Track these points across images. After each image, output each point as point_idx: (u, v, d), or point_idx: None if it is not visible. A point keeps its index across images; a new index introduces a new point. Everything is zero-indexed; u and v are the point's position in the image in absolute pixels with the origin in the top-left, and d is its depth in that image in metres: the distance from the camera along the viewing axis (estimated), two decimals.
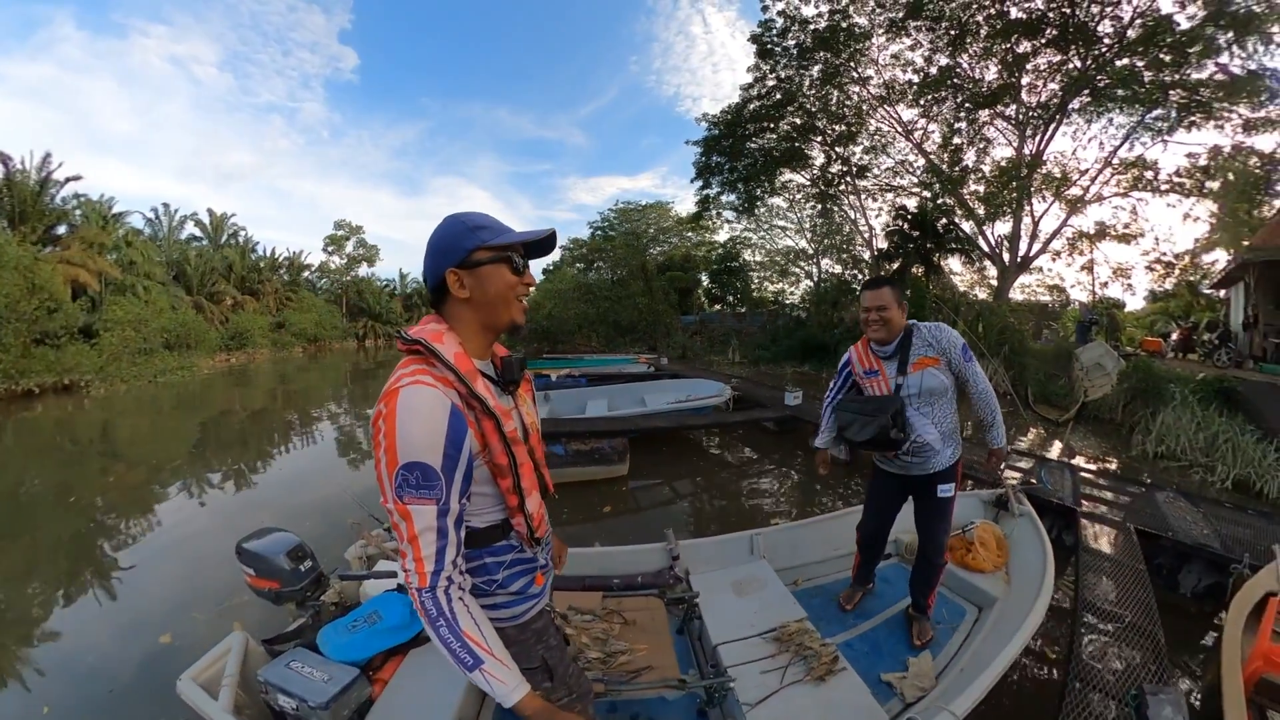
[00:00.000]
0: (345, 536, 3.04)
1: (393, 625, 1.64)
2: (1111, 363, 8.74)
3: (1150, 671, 1.97)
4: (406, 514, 0.74)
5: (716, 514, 4.53)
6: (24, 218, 17.37)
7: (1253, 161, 11.35)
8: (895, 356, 1.91)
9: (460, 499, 0.79)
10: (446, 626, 0.75)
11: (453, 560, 0.77)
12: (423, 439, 0.74)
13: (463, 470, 0.78)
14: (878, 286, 1.90)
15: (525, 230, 0.91)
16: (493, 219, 0.90)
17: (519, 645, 0.93)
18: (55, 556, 4.05)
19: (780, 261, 23.52)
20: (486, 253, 0.85)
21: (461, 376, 0.81)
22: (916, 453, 1.96)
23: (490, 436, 0.83)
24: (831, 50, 14.91)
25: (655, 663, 1.75)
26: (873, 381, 2.00)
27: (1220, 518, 3.49)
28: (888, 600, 2.52)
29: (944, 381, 1.88)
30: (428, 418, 0.75)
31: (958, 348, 1.88)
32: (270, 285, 32.01)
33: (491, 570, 0.90)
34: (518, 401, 0.97)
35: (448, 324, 0.88)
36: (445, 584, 0.76)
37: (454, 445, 0.76)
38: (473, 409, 0.82)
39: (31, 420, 9.99)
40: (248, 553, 1.65)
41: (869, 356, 2.00)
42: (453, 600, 0.76)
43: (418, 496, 0.74)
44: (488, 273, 0.86)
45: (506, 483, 0.87)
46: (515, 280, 0.88)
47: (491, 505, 0.89)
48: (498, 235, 0.86)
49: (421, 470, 0.73)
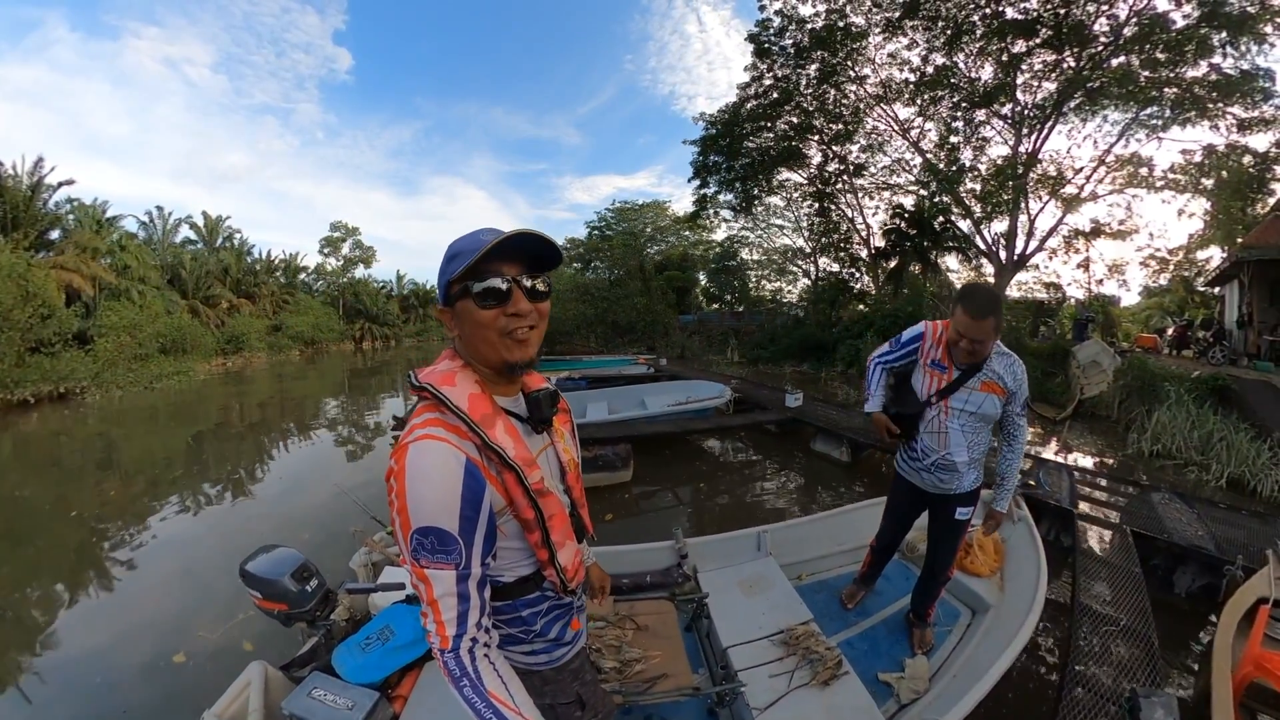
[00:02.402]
0: (348, 543, 3.05)
1: (406, 641, 1.64)
2: (1108, 360, 8.82)
3: (1144, 674, 2.02)
4: (425, 578, 0.70)
5: (721, 518, 4.54)
6: (16, 223, 17.22)
7: (1246, 160, 11.42)
8: (957, 368, 1.83)
9: (483, 560, 0.73)
10: (470, 687, 0.71)
11: (476, 622, 0.73)
12: (435, 502, 0.68)
13: (484, 530, 0.72)
14: (981, 316, 1.64)
15: (485, 239, 0.70)
16: (478, 238, 0.73)
17: (556, 685, 0.91)
18: (56, 570, 4.03)
19: (778, 260, 23.56)
20: (457, 286, 0.73)
21: (474, 425, 0.73)
22: (944, 470, 1.91)
23: (513, 490, 0.76)
24: (828, 49, 14.93)
25: (669, 670, 1.78)
26: (933, 373, 1.87)
27: (1214, 519, 3.54)
28: (888, 598, 2.57)
29: (996, 412, 1.82)
30: (440, 478, 0.69)
31: (1024, 393, 1.83)
32: (267, 288, 31.84)
33: (529, 621, 0.86)
34: (554, 437, 0.89)
35: (463, 359, 0.80)
36: (469, 644, 0.72)
37: (471, 506, 0.70)
38: (491, 461, 0.75)
39: (28, 430, 9.95)
40: (252, 575, 1.64)
41: (947, 353, 1.84)
42: (476, 659, 0.73)
43: (435, 561, 0.69)
44: (461, 310, 0.75)
45: (535, 537, 0.80)
46: (489, 315, 0.73)
47: (521, 559, 0.83)
48: (464, 261, 0.71)
49: (437, 535, 0.68)
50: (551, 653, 0.90)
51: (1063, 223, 14.14)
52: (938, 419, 1.89)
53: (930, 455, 1.93)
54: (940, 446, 1.89)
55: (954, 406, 1.84)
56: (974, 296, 1.69)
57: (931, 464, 1.93)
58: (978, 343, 1.70)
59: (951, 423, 1.85)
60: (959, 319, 1.69)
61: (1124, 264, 14.65)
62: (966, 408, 1.83)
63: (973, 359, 1.76)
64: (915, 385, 1.94)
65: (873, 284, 18.67)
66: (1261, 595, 2.24)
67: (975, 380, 1.81)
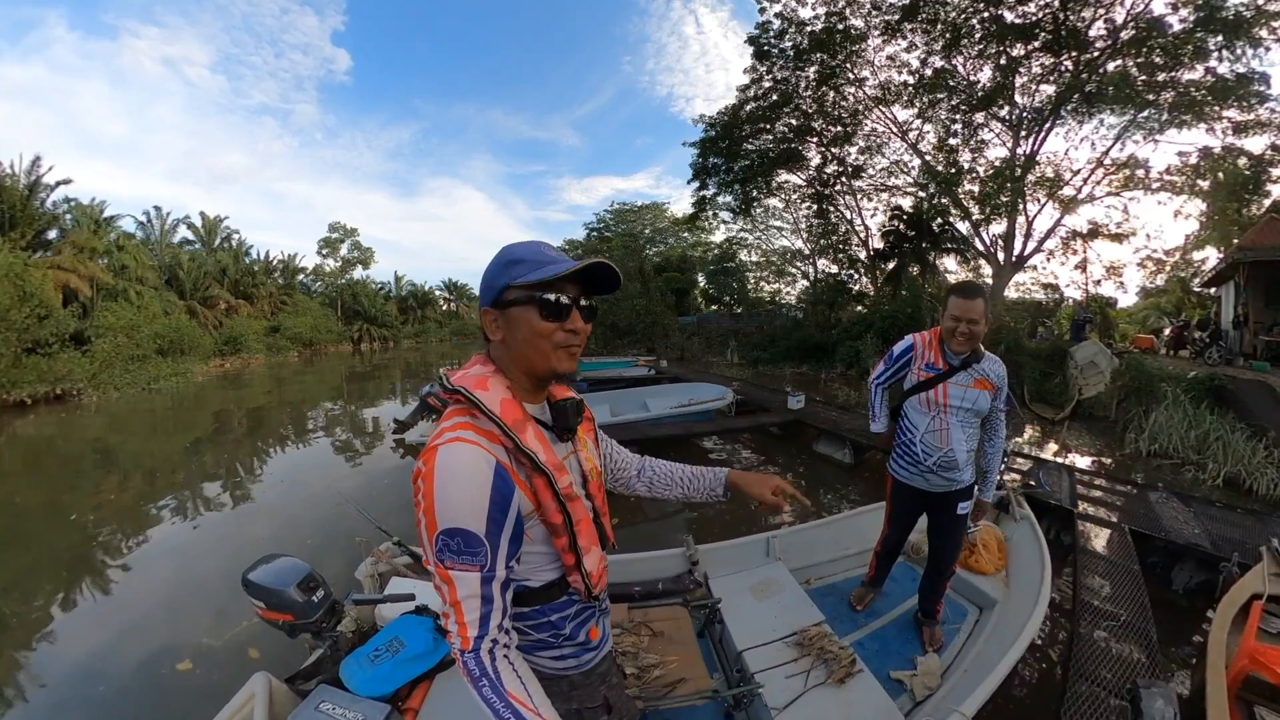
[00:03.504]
0: (351, 550, 3.03)
1: (417, 653, 1.59)
2: (1105, 360, 8.89)
3: (1144, 668, 2.06)
4: (449, 579, 0.70)
5: (727, 521, 4.53)
6: (13, 223, 17.15)
7: (1242, 162, 11.53)
8: (961, 367, 1.93)
9: (508, 563, 0.74)
10: (490, 687, 0.72)
11: (499, 625, 0.73)
12: (463, 503, 0.69)
13: (510, 533, 0.73)
14: (972, 296, 1.82)
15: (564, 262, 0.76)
16: (541, 251, 0.78)
17: (584, 689, 0.92)
18: (54, 576, 3.98)
19: (777, 262, 23.65)
20: (517, 291, 0.76)
21: (507, 429, 0.74)
22: (947, 468, 2.00)
23: (542, 494, 0.77)
24: (828, 52, 15.02)
25: (687, 674, 1.80)
26: (928, 376, 1.98)
27: (1211, 517, 3.60)
28: (895, 599, 2.61)
29: (987, 407, 1.96)
30: (469, 480, 0.70)
31: (1005, 389, 1.98)
32: (265, 289, 31.78)
33: (558, 625, 0.87)
34: (578, 445, 0.91)
35: (495, 365, 0.82)
36: (489, 645, 0.73)
37: (499, 508, 0.71)
38: (521, 465, 0.76)
39: (24, 432, 9.90)
40: (255, 585, 1.57)
41: (939, 354, 1.97)
42: (496, 660, 0.73)
43: (460, 563, 0.70)
44: (517, 315, 0.77)
45: (562, 541, 0.81)
46: (549, 327, 0.76)
47: (547, 564, 0.84)
48: (533, 271, 0.75)
49: (463, 536, 0.69)
50: (580, 657, 0.91)
51: (1060, 224, 14.27)
52: (938, 418, 1.98)
53: (933, 455, 2.01)
54: (943, 444, 1.98)
55: (953, 405, 1.94)
56: (962, 285, 1.94)
57: (935, 464, 2.01)
58: (972, 323, 1.82)
59: (951, 419, 1.96)
60: (953, 304, 1.85)
61: (1121, 265, 14.76)
62: (964, 404, 1.94)
63: (970, 343, 1.87)
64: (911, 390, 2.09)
65: (871, 285, 18.76)
66: (1256, 591, 2.29)
67: (968, 377, 1.94)
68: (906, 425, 2.10)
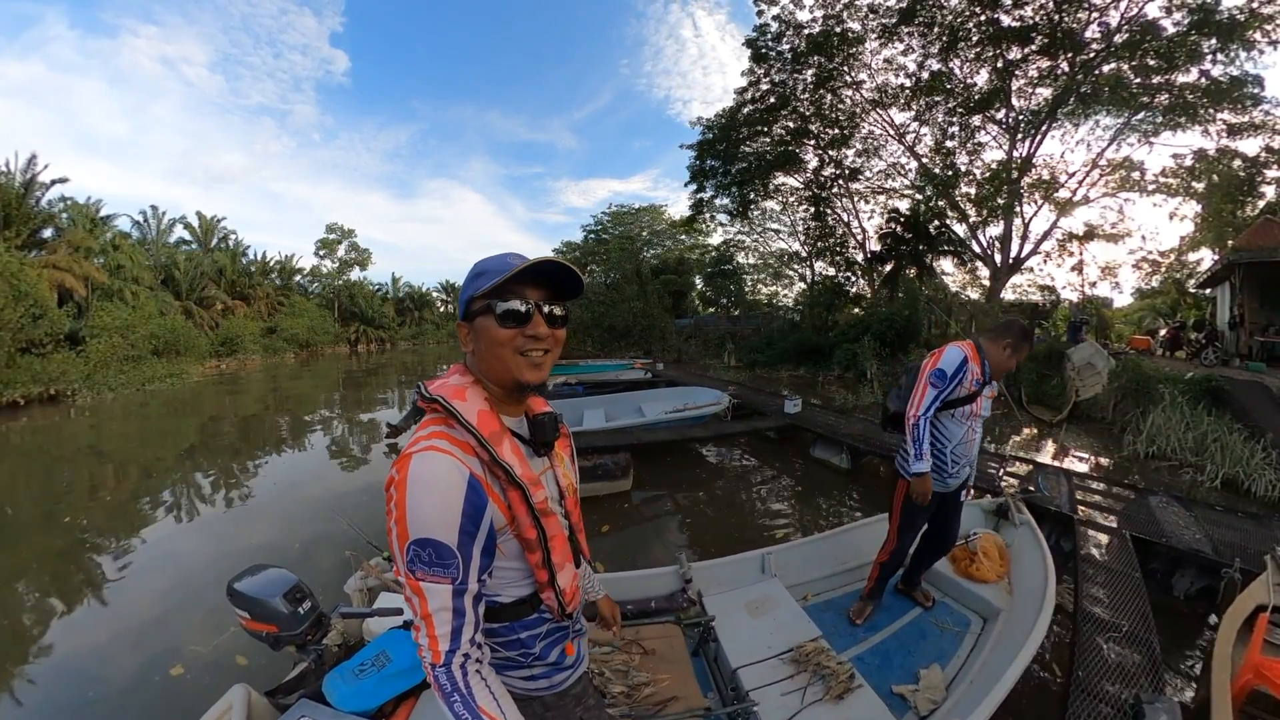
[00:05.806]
0: (341, 563, 2.98)
1: (403, 668, 1.55)
2: (1102, 362, 8.89)
3: (1147, 678, 2.02)
4: (419, 591, 0.69)
5: (722, 528, 4.47)
6: (8, 221, 17.04)
7: (1236, 163, 11.58)
8: (990, 381, 2.20)
9: (480, 576, 0.73)
10: (461, 702, 0.71)
11: (470, 639, 0.72)
12: (435, 514, 0.68)
13: (482, 546, 0.72)
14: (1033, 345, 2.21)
15: (512, 263, 0.74)
16: (506, 261, 0.76)
17: (559, 710, 0.90)
18: (46, 579, 3.96)
19: (774, 264, 23.67)
20: (479, 302, 0.76)
21: (483, 441, 0.73)
22: (969, 467, 2.29)
23: (517, 508, 0.76)
24: (825, 55, 15.05)
25: (679, 692, 1.75)
26: (976, 390, 2.18)
27: (1211, 521, 3.57)
28: (895, 613, 2.56)
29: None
30: (442, 491, 0.68)
31: None
32: (261, 290, 31.66)
33: (528, 644, 0.85)
34: (554, 461, 0.89)
35: (474, 376, 0.81)
36: (461, 660, 0.71)
37: (472, 520, 0.70)
38: (496, 478, 0.75)
39: (18, 437, 9.81)
40: (241, 595, 1.53)
41: (981, 368, 2.17)
42: (468, 674, 0.72)
43: (431, 574, 0.68)
44: (480, 325, 0.76)
45: (535, 557, 0.80)
46: (506, 334, 0.75)
47: (519, 579, 0.82)
48: (489, 280, 0.74)
49: (434, 548, 0.68)
50: (551, 677, 0.89)
51: (1056, 226, 14.32)
52: (971, 427, 2.19)
53: (960, 461, 2.23)
54: (971, 451, 2.24)
55: (982, 414, 2.20)
56: (1029, 333, 2.19)
57: (962, 468, 2.25)
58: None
59: (978, 425, 2.23)
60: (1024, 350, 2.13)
61: (1117, 266, 14.87)
62: (985, 412, 2.23)
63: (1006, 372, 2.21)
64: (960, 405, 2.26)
65: (868, 288, 18.78)
66: (1261, 602, 2.26)
67: (992, 386, 2.22)
68: (939, 436, 2.18)
